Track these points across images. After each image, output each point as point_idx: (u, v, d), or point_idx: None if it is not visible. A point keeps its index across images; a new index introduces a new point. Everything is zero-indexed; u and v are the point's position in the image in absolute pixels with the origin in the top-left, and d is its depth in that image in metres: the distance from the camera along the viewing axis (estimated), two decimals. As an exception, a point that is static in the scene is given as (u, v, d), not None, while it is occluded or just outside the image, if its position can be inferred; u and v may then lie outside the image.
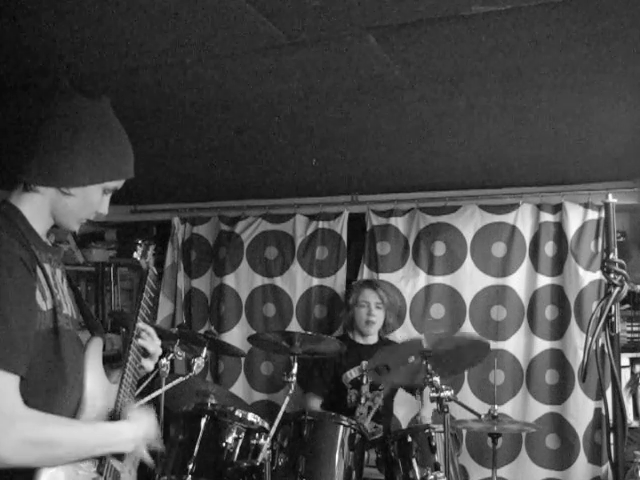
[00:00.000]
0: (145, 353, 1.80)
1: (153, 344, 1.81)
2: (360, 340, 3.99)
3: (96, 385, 1.63)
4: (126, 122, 1.70)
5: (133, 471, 1.74)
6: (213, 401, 3.21)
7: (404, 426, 4.07)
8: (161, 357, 1.94)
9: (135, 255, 1.86)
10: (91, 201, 1.63)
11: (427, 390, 3.84)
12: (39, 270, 1.52)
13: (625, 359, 4.01)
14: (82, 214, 1.65)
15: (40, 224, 1.60)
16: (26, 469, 1.42)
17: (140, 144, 1.74)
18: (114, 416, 1.66)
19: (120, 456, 1.65)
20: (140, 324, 1.78)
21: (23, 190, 1.58)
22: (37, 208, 1.58)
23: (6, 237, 1.47)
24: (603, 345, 2.79)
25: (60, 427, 1.47)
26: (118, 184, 1.68)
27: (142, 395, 2.56)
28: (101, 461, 1.58)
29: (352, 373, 3.88)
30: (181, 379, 2.94)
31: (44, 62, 2.30)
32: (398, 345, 3.55)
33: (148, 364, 1.82)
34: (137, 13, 1.92)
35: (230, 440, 3.01)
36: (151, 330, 1.81)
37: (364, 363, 3.85)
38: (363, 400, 3.86)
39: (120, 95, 2.56)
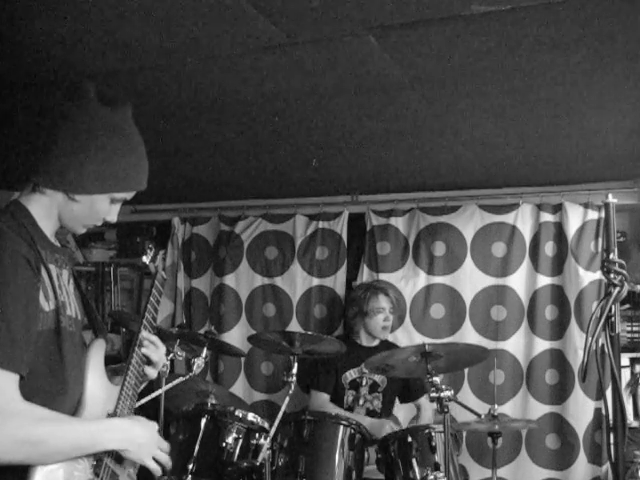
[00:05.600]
0: (148, 361, 1.80)
1: (157, 353, 1.80)
2: (364, 342, 3.98)
3: (97, 386, 1.63)
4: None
5: (133, 474, 1.73)
6: (213, 401, 3.21)
7: (404, 426, 4.07)
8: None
9: (144, 259, 1.86)
10: (97, 209, 1.63)
11: (423, 400, 3.88)
12: (44, 270, 1.52)
13: (625, 359, 4.01)
14: (88, 220, 1.65)
15: (48, 225, 1.60)
16: (19, 469, 1.42)
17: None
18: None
19: (119, 458, 1.64)
20: (143, 333, 1.77)
21: (32, 191, 1.59)
22: (45, 209, 1.59)
23: (12, 236, 1.47)
24: (603, 345, 2.79)
25: (55, 425, 1.46)
26: (127, 195, 1.67)
27: (142, 395, 2.56)
28: (98, 462, 1.58)
29: (352, 374, 3.88)
30: (181, 379, 2.95)
31: (44, 62, 2.30)
32: (400, 349, 3.55)
33: (151, 372, 1.81)
34: (137, 13, 1.92)
35: (230, 440, 3.01)
36: (155, 338, 1.80)
37: (364, 365, 3.84)
38: (362, 402, 3.86)
39: (120, 95, 2.56)
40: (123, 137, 1.62)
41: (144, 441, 1.64)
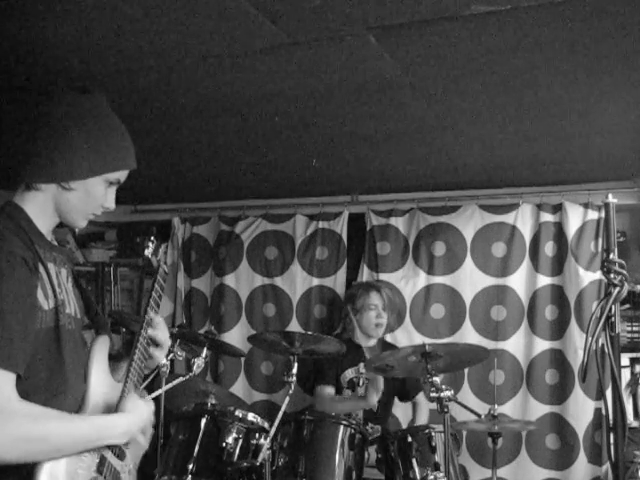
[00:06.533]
0: (155, 343, 1.79)
1: (163, 333, 1.80)
2: (362, 342, 3.98)
3: (100, 383, 1.63)
4: (126, 122, 1.70)
5: (133, 471, 1.73)
6: (213, 401, 3.21)
7: (403, 426, 4.07)
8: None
9: (146, 252, 1.85)
10: (94, 194, 1.62)
11: (419, 397, 3.90)
12: (42, 269, 1.52)
13: (625, 359, 4.01)
14: (87, 209, 1.64)
15: (45, 223, 1.60)
16: (25, 468, 1.42)
17: (140, 144, 1.74)
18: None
19: (120, 455, 1.65)
20: (151, 314, 1.77)
21: (25, 189, 1.59)
22: (40, 206, 1.59)
23: (8, 236, 1.48)
24: (603, 345, 2.79)
25: (54, 422, 1.46)
26: (121, 175, 1.66)
27: (141, 392, 2.56)
28: (101, 460, 1.58)
29: (350, 373, 3.88)
30: (181, 379, 2.94)
31: (44, 63, 2.30)
32: (399, 350, 3.55)
33: (158, 354, 1.80)
34: (137, 13, 1.92)
35: (230, 440, 3.00)
36: (160, 319, 1.80)
37: (362, 365, 3.85)
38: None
39: (120, 95, 2.56)
40: (102, 119, 1.63)
41: (141, 429, 1.66)
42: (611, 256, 2.43)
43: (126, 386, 1.68)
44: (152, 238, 1.89)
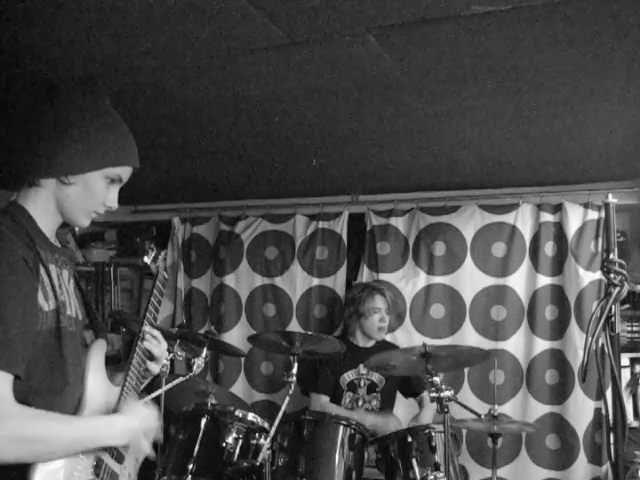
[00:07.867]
0: (151, 356, 1.80)
1: (159, 347, 1.80)
2: (360, 343, 3.99)
3: (97, 386, 1.63)
4: (126, 122, 1.70)
5: (133, 473, 1.73)
6: (213, 401, 3.21)
7: (404, 426, 4.07)
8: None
9: (146, 259, 1.85)
10: (93, 190, 1.61)
11: (426, 394, 3.91)
12: (43, 270, 1.51)
13: (625, 359, 4.01)
14: (88, 206, 1.62)
15: (47, 222, 1.59)
16: (20, 469, 1.42)
17: (140, 144, 1.73)
18: None
19: (119, 458, 1.64)
20: (146, 327, 1.77)
21: (27, 187, 1.59)
22: (42, 205, 1.58)
23: (10, 237, 1.47)
24: (603, 345, 2.79)
25: (51, 422, 1.46)
26: (122, 172, 1.65)
27: (142, 395, 2.56)
28: (98, 463, 1.57)
29: (349, 375, 3.89)
30: (181, 379, 2.94)
31: (45, 63, 2.30)
32: (399, 351, 3.59)
33: (154, 367, 1.81)
34: (137, 13, 1.92)
35: (230, 440, 3.01)
36: (157, 333, 1.80)
37: (361, 366, 3.86)
38: (360, 402, 3.87)
39: (120, 95, 2.56)
40: (103, 117, 1.63)
41: (143, 433, 1.65)
42: (611, 256, 2.43)
43: (124, 390, 1.68)
44: (152, 245, 1.89)
